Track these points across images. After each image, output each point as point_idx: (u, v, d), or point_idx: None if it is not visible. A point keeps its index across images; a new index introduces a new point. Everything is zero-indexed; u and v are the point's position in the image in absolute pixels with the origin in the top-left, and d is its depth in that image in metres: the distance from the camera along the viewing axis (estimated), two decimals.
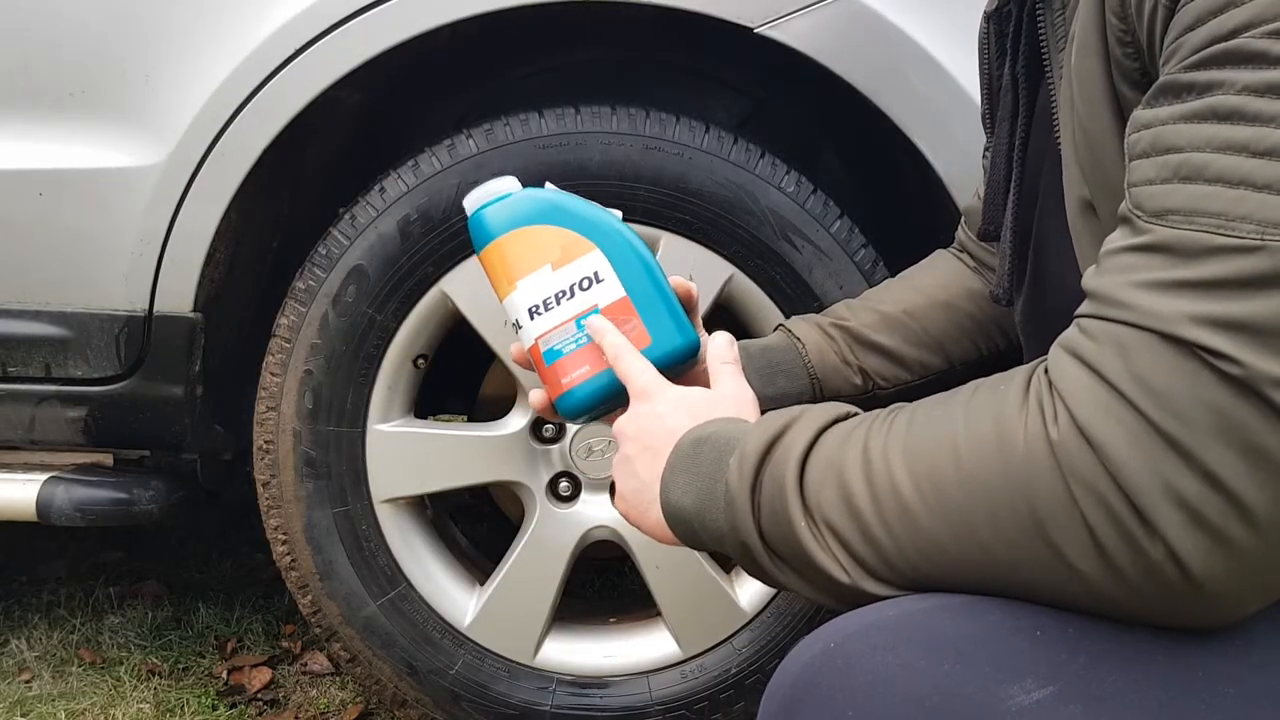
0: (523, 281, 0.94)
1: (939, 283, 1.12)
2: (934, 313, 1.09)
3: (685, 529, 0.77)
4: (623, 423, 0.86)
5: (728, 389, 0.86)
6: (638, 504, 0.83)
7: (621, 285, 0.93)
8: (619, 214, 0.98)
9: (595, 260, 0.93)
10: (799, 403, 1.04)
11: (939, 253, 1.18)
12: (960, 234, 1.17)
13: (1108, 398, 0.57)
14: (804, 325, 1.09)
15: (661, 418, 0.82)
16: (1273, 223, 0.54)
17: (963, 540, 0.62)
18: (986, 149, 1.07)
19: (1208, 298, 0.55)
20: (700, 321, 1.02)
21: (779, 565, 0.70)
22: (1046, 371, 0.62)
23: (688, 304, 0.97)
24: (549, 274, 0.94)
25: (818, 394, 1.06)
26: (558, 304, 0.93)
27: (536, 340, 0.94)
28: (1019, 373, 0.64)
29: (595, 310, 0.93)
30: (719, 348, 0.90)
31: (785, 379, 1.05)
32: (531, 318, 0.94)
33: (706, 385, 0.88)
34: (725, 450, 0.73)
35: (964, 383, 1.14)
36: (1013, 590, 0.62)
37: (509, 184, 0.97)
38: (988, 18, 0.91)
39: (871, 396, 1.08)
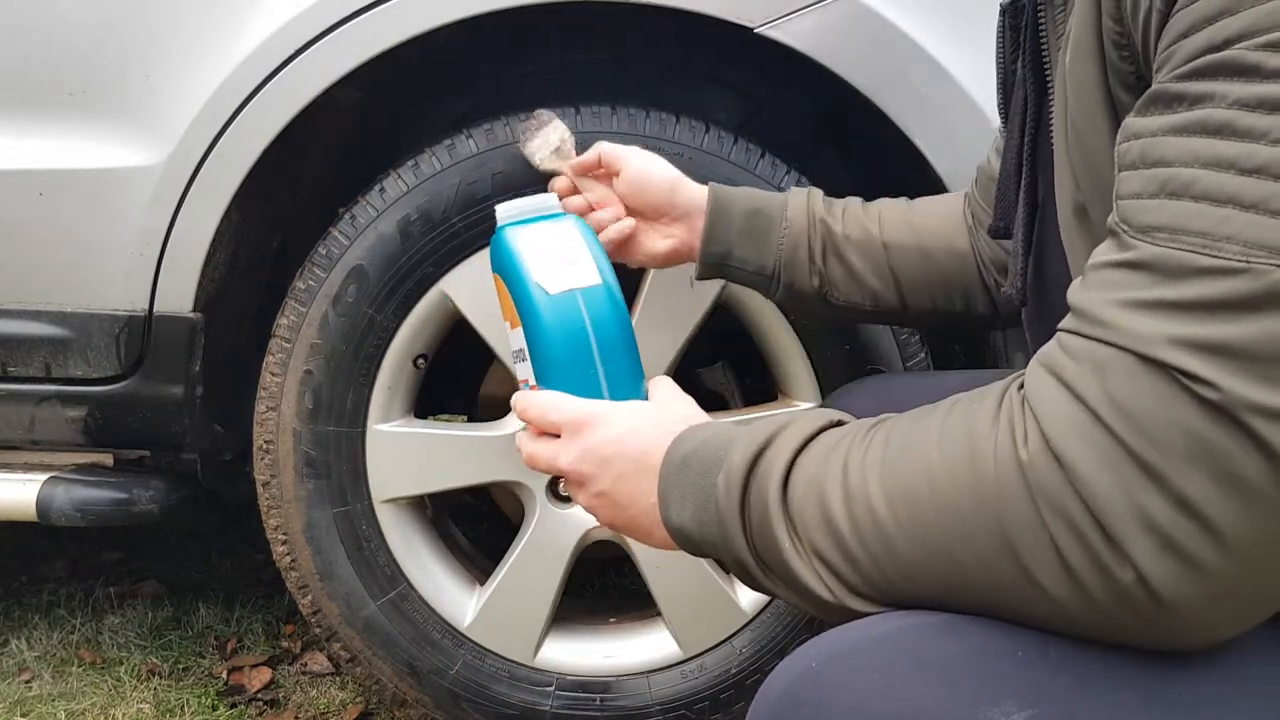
0: (505, 327, 0.91)
1: (932, 229, 1.15)
2: (911, 255, 1.14)
3: (690, 545, 0.76)
4: (575, 464, 0.81)
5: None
6: (638, 529, 0.80)
7: (534, 374, 0.87)
8: (598, 277, 0.87)
9: (520, 337, 0.88)
10: (753, 272, 1.14)
11: (955, 195, 1.20)
12: (972, 188, 1.16)
13: (1082, 418, 0.56)
14: (798, 209, 1.14)
15: (631, 435, 0.79)
16: (1259, 244, 0.52)
17: (939, 562, 0.61)
18: (1000, 136, 1.06)
19: (1189, 320, 0.53)
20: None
21: (771, 579, 0.70)
22: (1021, 388, 0.61)
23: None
24: (510, 330, 0.90)
25: (775, 275, 1.14)
26: (519, 361, 0.90)
27: (521, 384, 0.91)
28: (993, 390, 0.63)
29: (527, 386, 0.88)
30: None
31: (753, 249, 1.14)
32: (514, 363, 0.92)
33: None
34: (712, 465, 0.72)
35: (914, 326, 1.16)
36: (991, 611, 0.61)
37: (534, 204, 0.91)
38: (1003, 10, 0.91)
39: (823, 300, 1.14)
